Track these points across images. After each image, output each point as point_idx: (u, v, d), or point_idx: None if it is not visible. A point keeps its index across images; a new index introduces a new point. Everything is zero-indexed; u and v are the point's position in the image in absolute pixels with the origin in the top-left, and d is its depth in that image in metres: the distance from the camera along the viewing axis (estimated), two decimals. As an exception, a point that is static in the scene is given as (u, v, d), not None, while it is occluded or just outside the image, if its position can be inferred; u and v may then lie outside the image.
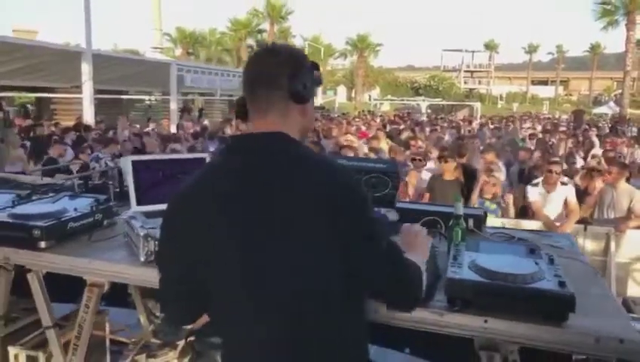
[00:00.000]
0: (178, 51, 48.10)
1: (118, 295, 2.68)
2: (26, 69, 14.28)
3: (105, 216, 2.23)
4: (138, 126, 12.68)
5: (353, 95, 49.62)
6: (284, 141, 1.20)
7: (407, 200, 5.23)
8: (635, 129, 18.29)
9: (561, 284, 1.46)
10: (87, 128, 10.47)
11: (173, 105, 16.66)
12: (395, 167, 2.15)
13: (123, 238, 2.06)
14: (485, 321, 1.48)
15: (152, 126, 13.24)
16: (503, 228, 2.51)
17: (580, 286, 1.55)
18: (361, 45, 48.99)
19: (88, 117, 12.90)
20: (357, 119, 17.68)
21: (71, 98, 16.26)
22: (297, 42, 40.17)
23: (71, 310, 2.79)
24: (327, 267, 1.15)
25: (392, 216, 2.30)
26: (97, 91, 13.99)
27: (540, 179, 5.52)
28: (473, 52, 64.95)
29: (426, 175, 6.38)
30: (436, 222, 2.14)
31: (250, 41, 45.33)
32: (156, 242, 1.80)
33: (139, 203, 2.08)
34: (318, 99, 30.99)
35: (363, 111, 28.82)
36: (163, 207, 1.29)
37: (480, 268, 1.56)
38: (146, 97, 23.46)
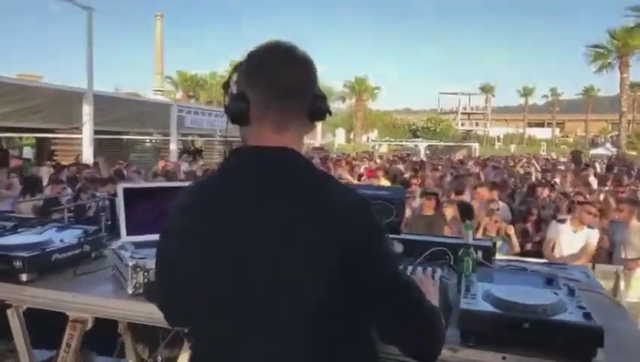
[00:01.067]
0: (179, 94, 48.89)
1: (105, 340, 2.50)
2: (27, 110, 14.36)
3: (93, 248, 2.10)
4: (135, 168, 12.64)
5: (352, 137, 50.03)
6: (302, 161, 1.08)
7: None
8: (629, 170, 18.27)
9: (587, 316, 1.34)
10: (85, 166, 10.40)
11: (173, 146, 16.72)
12: (400, 194, 2.05)
13: (111, 271, 1.93)
14: (504, 358, 1.35)
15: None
16: (514, 259, 2.39)
17: (604, 319, 1.41)
18: (359, 88, 49.82)
19: (87, 157, 12.88)
20: (364, 159, 17.65)
21: (71, 139, 16.31)
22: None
23: (51, 356, 2.62)
24: (330, 298, 1.00)
25: (397, 247, 2.18)
26: (98, 132, 14.03)
27: (567, 216, 5.41)
28: (470, 95, 66.06)
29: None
30: (444, 253, 2.01)
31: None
32: (145, 273, 1.69)
33: (129, 233, 1.96)
34: (317, 140, 31.17)
35: (361, 152, 28.91)
36: (154, 237, 1.18)
37: (496, 299, 1.43)
38: (147, 138, 23.60)
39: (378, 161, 17.97)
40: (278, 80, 1.08)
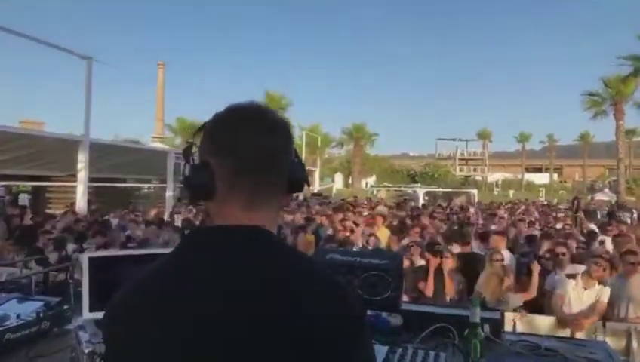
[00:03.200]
0: (178, 141, 49.23)
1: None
2: (25, 158, 14.29)
3: (54, 324, 1.88)
4: (134, 215, 12.45)
5: (350, 182, 50.06)
6: (275, 249, 0.89)
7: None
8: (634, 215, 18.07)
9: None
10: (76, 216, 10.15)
11: (169, 193, 16.56)
12: (397, 263, 1.84)
13: (70, 353, 1.70)
14: None
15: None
16: (524, 334, 2.16)
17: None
18: (357, 134, 50.25)
19: (81, 205, 12.68)
20: (364, 206, 17.49)
21: (67, 186, 16.18)
22: (295, 132, 41.08)
23: None
24: None
25: (396, 320, 1.97)
26: (95, 179, 13.89)
27: (578, 272, 5.17)
28: (467, 141, 66.57)
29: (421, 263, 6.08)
30: (448, 331, 1.79)
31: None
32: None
33: (93, 309, 1.75)
34: (316, 186, 31.10)
35: (357, 197, 28.72)
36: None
37: (511, 400, 1.21)
38: (145, 185, 23.49)
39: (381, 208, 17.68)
40: (248, 149, 0.91)
